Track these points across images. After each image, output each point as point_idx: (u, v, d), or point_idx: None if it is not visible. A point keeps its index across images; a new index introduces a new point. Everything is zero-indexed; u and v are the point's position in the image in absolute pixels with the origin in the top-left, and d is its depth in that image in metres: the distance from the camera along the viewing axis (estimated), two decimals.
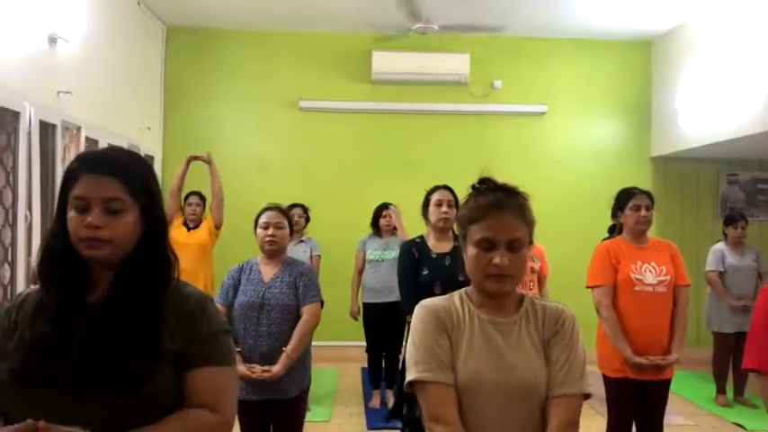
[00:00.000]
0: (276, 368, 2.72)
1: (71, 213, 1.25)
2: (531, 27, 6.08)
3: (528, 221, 1.51)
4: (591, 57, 6.55)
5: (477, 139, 6.35)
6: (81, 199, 1.24)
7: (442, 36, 5.86)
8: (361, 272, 4.94)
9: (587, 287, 3.19)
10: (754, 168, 6.53)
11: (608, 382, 3.14)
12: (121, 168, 1.28)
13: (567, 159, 6.43)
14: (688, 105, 5.75)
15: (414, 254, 2.99)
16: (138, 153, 1.42)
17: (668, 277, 3.04)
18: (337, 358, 5.94)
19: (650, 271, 3.04)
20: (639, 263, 3.05)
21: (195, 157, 4.66)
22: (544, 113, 6.38)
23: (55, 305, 1.23)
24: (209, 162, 4.65)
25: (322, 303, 3.02)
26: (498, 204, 1.50)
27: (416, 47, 6.22)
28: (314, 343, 4.76)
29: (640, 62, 6.57)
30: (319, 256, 4.90)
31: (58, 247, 1.26)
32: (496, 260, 1.45)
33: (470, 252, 1.51)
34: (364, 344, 5.01)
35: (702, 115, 5.54)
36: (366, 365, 5.10)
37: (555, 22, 6.03)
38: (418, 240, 3.08)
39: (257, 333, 2.79)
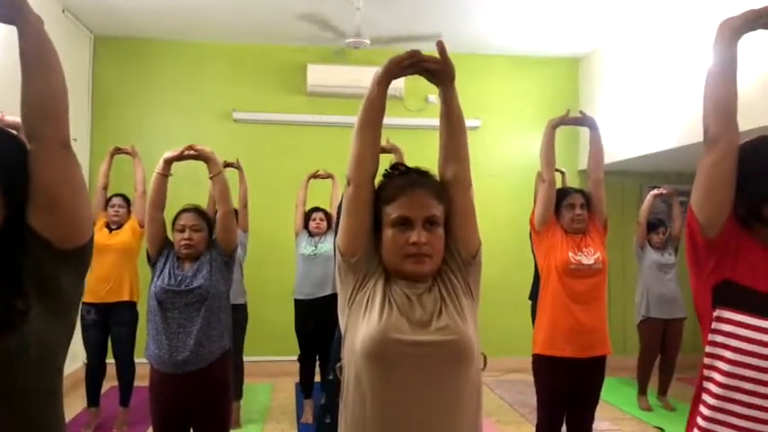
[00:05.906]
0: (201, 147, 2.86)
1: None
2: (463, 43, 6.22)
3: (443, 200, 1.48)
4: (522, 73, 6.75)
5: (413, 152, 6.17)
6: None
7: (376, 50, 5.91)
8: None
9: (531, 221, 3.36)
10: (673, 181, 6.79)
11: (540, 361, 3.10)
12: None
13: (500, 172, 6.58)
14: (613, 121, 5.99)
15: None
16: (5, 130, 1.25)
17: (598, 254, 3.08)
18: (272, 373, 5.88)
19: (585, 255, 3.08)
20: (576, 249, 3.09)
21: (119, 150, 4.58)
22: (477, 128, 6.52)
23: None
24: (133, 154, 4.60)
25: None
26: (413, 183, 1.48)
27: (351, 61, 6.26)
28: (247, 358, 4.75)
29: (569, 79, 6.82)
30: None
31: None
32: (413, 238, 1.40)
33: (386, 234, 1.45)
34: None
35: (626, 131, 5.79)
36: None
37: (487, 38, 6.19)
38: None
39: (175, 322, 2.62)
